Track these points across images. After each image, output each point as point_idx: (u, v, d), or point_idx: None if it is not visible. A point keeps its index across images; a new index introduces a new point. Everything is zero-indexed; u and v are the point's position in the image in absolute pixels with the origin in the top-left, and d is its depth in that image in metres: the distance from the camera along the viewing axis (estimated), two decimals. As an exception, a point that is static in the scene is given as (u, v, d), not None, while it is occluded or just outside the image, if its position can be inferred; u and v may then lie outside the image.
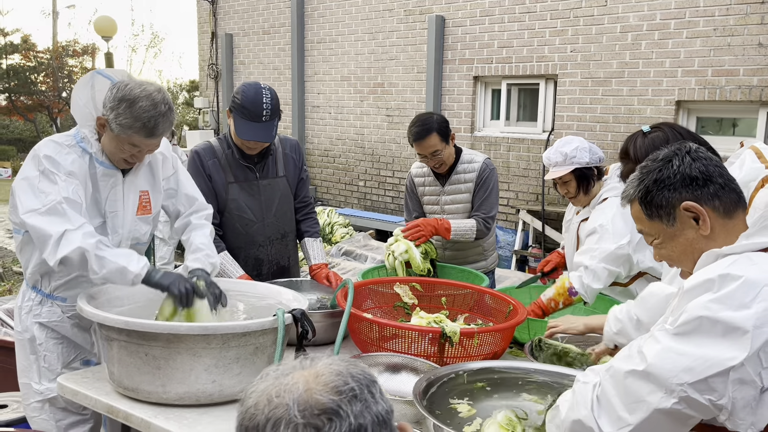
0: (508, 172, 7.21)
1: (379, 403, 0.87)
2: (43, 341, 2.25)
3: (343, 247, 6.98)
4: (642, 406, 1.24)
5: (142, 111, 2.01)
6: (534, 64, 6.86)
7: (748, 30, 5.53)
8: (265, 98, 2.61)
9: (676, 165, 1.40)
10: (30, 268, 2.22)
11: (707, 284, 1.25)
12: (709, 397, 1.19)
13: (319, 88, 9.01)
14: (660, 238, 1.45)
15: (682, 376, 1.20)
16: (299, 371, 0.88)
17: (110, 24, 11.19)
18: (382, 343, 2.19)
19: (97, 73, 2.19)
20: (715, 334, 1.20)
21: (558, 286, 2.63)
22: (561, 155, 2.71)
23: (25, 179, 2.04)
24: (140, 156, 2.16)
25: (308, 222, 3.04)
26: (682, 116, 6.08)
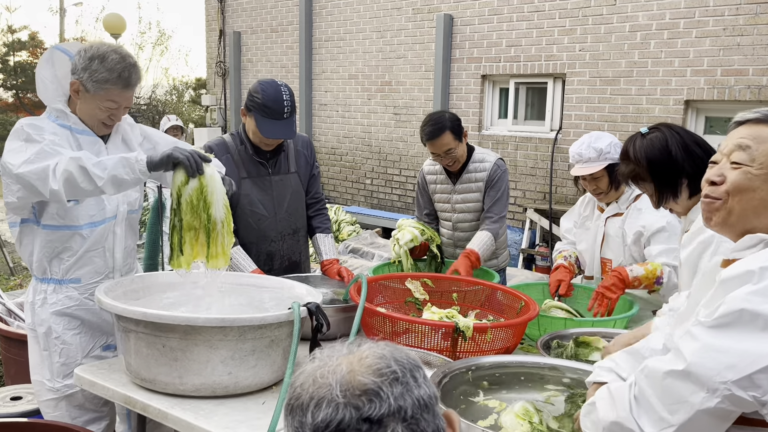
0: (515, 170, 7.21)
1: (422, 388, 0.89)
2: (60, 333, 2.27)
3: (350, 245, 6.99)
4: (684, 407, 1.20)
5: (115, 63, 2.10)
6: (542, 63, 6.87)
7: (758, 30, 5.52)
8: (284, 96, 2.64)
9: None
10: (35, 256, 2.24)
11: (747, 276, 1.21)
12: (753, 393, 1.16)
13: (327, 86, 9.03)
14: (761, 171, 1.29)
15: (725, 374, 1.17)
16: (345, 354, 0.90)
17: (119, 21, 11.24)
18: (394, 338, 2.21)
19: (55, 48, 2.24)
20: (755, 327, 1.17)
21: (649, 270, 2.53)
22: (595, 151, 2.69)
23: (9, 150, 2.07)
24: (117, 114, 2.21)
25: (320, 218, 3.06)
26: (690, 116, 6.08)
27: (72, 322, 2.29)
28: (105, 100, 2.13)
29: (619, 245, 2.75)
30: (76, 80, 2.13)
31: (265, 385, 2.02)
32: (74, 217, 2.20)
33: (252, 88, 2.71)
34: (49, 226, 2.20)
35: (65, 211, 2.18)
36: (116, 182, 2.01)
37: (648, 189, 2.11)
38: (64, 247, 2.23)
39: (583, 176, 2.76)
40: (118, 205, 2.31)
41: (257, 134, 2.72)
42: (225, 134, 2.91)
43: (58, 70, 2.18)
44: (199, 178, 2.02)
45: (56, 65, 2.19)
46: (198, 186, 2.03)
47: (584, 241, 2.96)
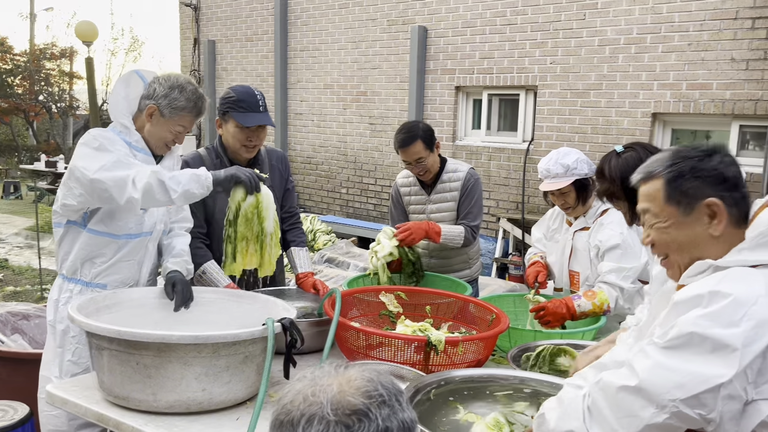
0: (488, 180, 7.30)
1: (405, 412, 0.95)
2: (77, 333, 2.35)
3: (326, 254, 7.01)
4: (634, 421, 1.27)
5: (191, 93, 2.36)
6: (514, 75, 6.98)
7: (722, 45, 5.70)
8: (256, 92, 2.77)
9: (717, 161, 1.40)
10: (71, 256, 2.36)
11: (697, 299, 1.28)
12: (699, 411, 1.22)
13: (302, 96, 9.05)
14: (668, 222, 1.43)
15: (674, 392, 1.23)
16: (334, 376, 0.95)
17: (91, 29, 11.11)
18: (368, 351, 2.24)
19: (135, 72, 2.43)
20: (704, 350, 1.23)
21: (596, 305, 2.62)
22: (562, 167, 2.76)
23: (83, 156, 2.22)
24: (182, 138, 2.43)
25: (294, 231, 3.08)
26: (657, 128, 6.23)
27: None
28: (177, 125, 2.37)
29: (587, 259, 2.83)
30: (154, 105, 2.33)
31: (240, 401, 2.03)
32: (118, 226, 2.36)
33: (222, 95, 2.81)
34: (93, 230, 2.34)
35: (111, 219, 2.34)
36: (187, 196, 2.23)
37: (622, 207, 2.16)
38: (100, 252, 2.37)
39: (551, 191, 2.83)
40: (156, 222, 2.45)
41: (237, 137, 2.74)
42: (200, 148, 2.92)
43: (131, 91, 2.37)
44: (255, 195, 2.37)
45: (131, 86, 2.37)
46: (254, 202, 2.38)
47: (553, 254, 3.04)
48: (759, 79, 5.54)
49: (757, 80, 5.55)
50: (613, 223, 2.71)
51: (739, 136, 5.85)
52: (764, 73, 5.50)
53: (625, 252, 2.65)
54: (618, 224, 2.69)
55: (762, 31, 5.50)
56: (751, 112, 5.61)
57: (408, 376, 2.08)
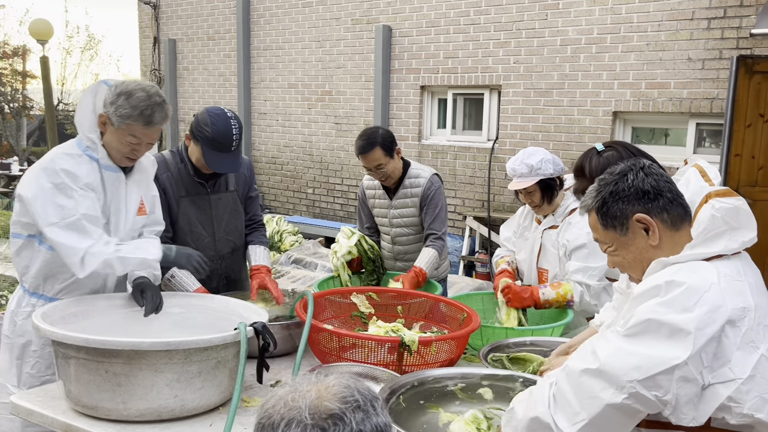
0: (454, 179, 7.36)
1: (380, 416, 1.00)
2: (39, 348, 2.28)
3: (293, 255, 6.96)
4: (595, 401, 1.34)
5: (139, 101, 2.20)
6: (479, 75, 7.05)
7: (678, 45, 5.86)
8: (234, 129, 2.64)
9: (631, 179, 1.52)
10: (31, 271, 2.28)
11: (655, 290, 1.37)
12: (655, 393, 1.30)
13: (266, 95, 8.96)
14: (613, 246, 1.56)
15: (631, 373, 1.31)
16: (314, 383, 1.01)
17: (46, 27, 10.80)
18: (341, 353, 2.23)
19: (102, 82, 2.32)
20: (661, 335, 1.32)
21: (560, 294, 2.70)
22: (527, 167, 2.80)
23: (40, 190, 2.14)
24: (140, 150, 2.30)
25: (255, 234, 3.06)
26: (618, 126, 6.37)
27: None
28: (127, 135, 2.23)
29: (555, 257, 2.87)
30: (104, 113, 2.23)
31: (213, 407, 2.00)
32: None
33: (201, 118, 2.67)
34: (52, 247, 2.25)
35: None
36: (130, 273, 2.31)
37: None
38: (62, 269, 2.27)
39: (519, 190, 2.88)
40: (122, 238, 2.35)
41: (201, 162, 2.71)
42: (165, 151, 2.87)
43: (99, 101, 2.26)
44: None
45: (98, 97, 2.26)
46: None
47: (523, 251, 3.08)
48: (715, 78, 5.71)
49: (713, 79, 5.72)
50: (580, 222, 2.76)
51: (696, 134, 6.02)
52: (720, 72, 5.67)
53: (592, 251, 2.70)
54: (586, 223, 2.74)
55: (717, 31, 5.67)
56: (708, 111, 5.78)
57: (382, 378, 2.08)
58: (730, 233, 1.42)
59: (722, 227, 1.42)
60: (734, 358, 1.32)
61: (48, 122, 11.29)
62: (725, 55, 5.62)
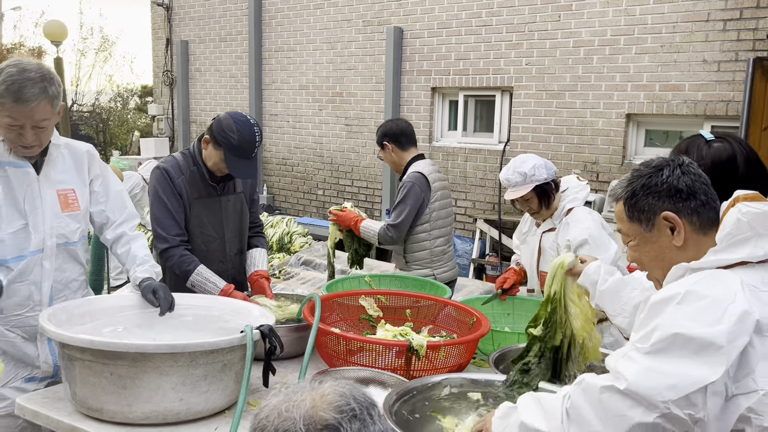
0: (465, 181, 7.32)
1: (377, 425, 0.96)
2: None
3: (302, 257, 6.94)
4: (622, 420, 1.27)
5: (8, 76, 2.00)
6: (490, 77, 7.01)
7: (693, 47, 5.78)
8: (257, 135, 2.64)
9: (666, 175, 1.46)
10: None
11: (673, 299, 1.30)
12: (689, 411, 1.23)
13: (277, 97, 8.97)
14: (636, 240, 1.51)
15: (665, 393, 1.24)
16: (308, 391, 0.98)
17: (60, 29, 10.88)
18: (348, 357, 2.21)
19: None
20: (690, 351, 1.25)
21: None
22: (520, 175, 2.79)
23: None
24: (25, 134, 2.08)
25: (256, 238, 3.10)
26: (631, 129, 6.31)
27: None
28: (3, 116, 2.04)
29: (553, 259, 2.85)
30: None
31: (218, 410, 1.98)
32: (2, 249, 2.15)
33: (225, 124, 2.63)
34: None
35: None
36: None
37: None
38: None
39: (515, 198, 2.86)
40: (44, 238, 2.22)
41: (217, 166, 2.70)
42: (176, 153, 2.87)
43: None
44: None
45: None
46: None
47: (524, 256, 3.07)
48: (730, 80, 5.64)
49: (729, 81, 5.65)
50: (578, 220, 2.75)
51: (711, 137, 5.93)
52: (735, 74, 5.60)
53: (594, 245, 2.69)
54: (582, 220, 2.74)
55: (733, 32, 5.59)
56: (723, 113, 5.71)
57: (389, 382, 2.05)
58: (756, 239, 1.35)
59: (748, 233, 1.35)
60: (758, 369, 1.26)
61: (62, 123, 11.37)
62: (741, 57, 5.54)
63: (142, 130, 15.80)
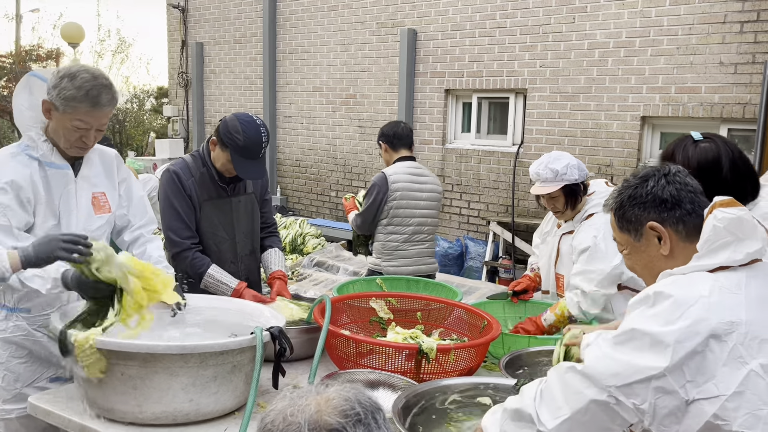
0: (478, 184, 7.29)
1: (382, 429, 0.97)
2: (5, 360, 2.22)
3: (315, 258, 6.96)
4: (579, 396, 1.37)
5: (84, 81, 2.07)
6: (504, 79, 6.98)
7: (710, 49, 5.72)
8: (263, 136, 2.65)
9: (650, 186, 1.50)
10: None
11: (644, 300, 1.38)
12: (633, 400, 1.31)
13: (291, 98, 9.00)
14: (627, 249, 1.57)
15: (611, 379, 1.34)
16: (313, 395, 0.98)
17: (78, 31, 11.01)
18: (358, 359, 2.21)
19: (31, 74, 2.21)
20: (643, 345, 1.33)
21: (558, 314, 2.70)
22: (552, 172, 2.75)
23: None
24: (89, 136, 2.15)
25: (272, 239, 3.11)
26: (647, 131, 6.25)
27: (19, 350, 2.23)
28: (74, 119, 2.10)
29: (570, 262, 2.82)
30: (48, 99, 2.10)
31: (228, 411, 1.99)
32: None
33: (231, 125, 2.65)
34: None
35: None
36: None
37: None
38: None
39: (541, 194, 2.82)
40: None
41: (226, 167, 2.72)
42: (186, 155, 2.89)
43: (36, 96, 2.14)
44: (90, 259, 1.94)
45: (33, 91, 2.16)
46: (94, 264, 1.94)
47: (543, 257, 3.04)
48: (747, 82, 5.57)
49: (746, 84, 5.58)
50: (590, 226, 2.72)
51: (728, 140, 5.87)
52: (752, 76, 5.53)
53: (593, 255, 2.65)
54: (595, 228, 2.70)
55: (750, 35, 5.52)
56: (740, 116, 5.64)
57: (399, 385, 2.05)
58: (736, 244, 1.38)
59: (726, 237, 1.38)
60: (719, 374, 1.29)
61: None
62: (758, 59, 5.47)
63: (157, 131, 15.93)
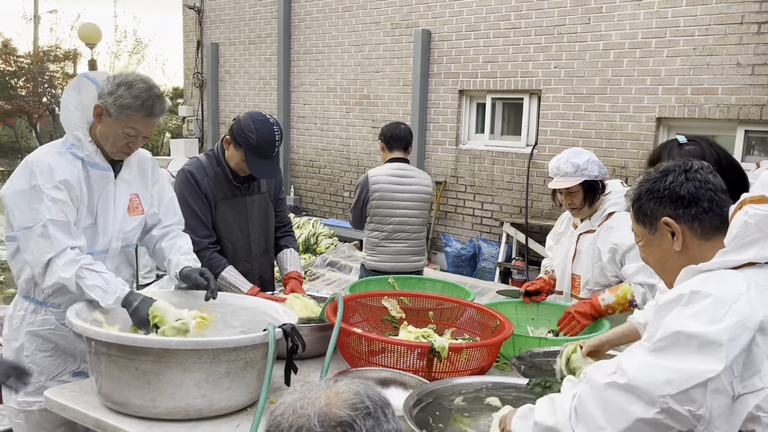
0: (492, 185, 7.28)
1: (390, 423, 0.97)
2: (31, 353, 2.25)
3: (328, 258, 6.98)
4: (623, 416, 1.30)
5: (140, 91, 2.13)
6: (518, 79, 6.96)
7: (727, 50, 5.67)
8: (276, 135, 2.67)
9: (669, 181, 1.49)
10: (24, 275, 2.24)
11: (679, 299, 1.34)
12: (689, 407, 1.26)
13: (305, 99, 9.03)
14: (642, 241, 1.56)
15: (663, 388, 1.27)
16: (323, 389, 0.99)
17: (95, 31, 11.13)
18: (370, 357, 2.21)
19: (83, 76, 2.25)
20: (691, 348, 1.28)
21: (619, 296, 2.63)
22: (572, 166, 2.72)
23: (17, 192, 2.11)
24: (136, 143, 2.22)
25: (287, 238, 3.12)
26: (662, 133, 6.20)
27: (45, 344, 2.26)
28: (126, 127, 2.16)
29: (589, 262, 2.80)
30: (101, 104, 2.15)
31: (240, 407, 2.00)
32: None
33: (244, 124, 2.67)
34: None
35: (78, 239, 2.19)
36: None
37: None
38: None
39: (559, 190, 2.80)
40: (111, 240, 2.30)
41: (241, 166, 2.73)
42: (200, 155, 2.91)
43: (84, 97, 2.19)
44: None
45: (82, 92, 2.20)
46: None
47: (558, 257, 3.01)
48: (765, 84, 5.51)
49: (763, 85, 5.52)
50: (623, 224, 2.68)
51: (745, 141, 5.81)
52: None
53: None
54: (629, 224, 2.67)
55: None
56: (757, 117, 5.58)
57: (411, 384, 2.05)
58: (764, 241, 1.36)
59: (755, 234, 1.36)
60: (764, 367, 1.28)
61: (95, 124, 11.57)
62: (777, 60, 5.42)
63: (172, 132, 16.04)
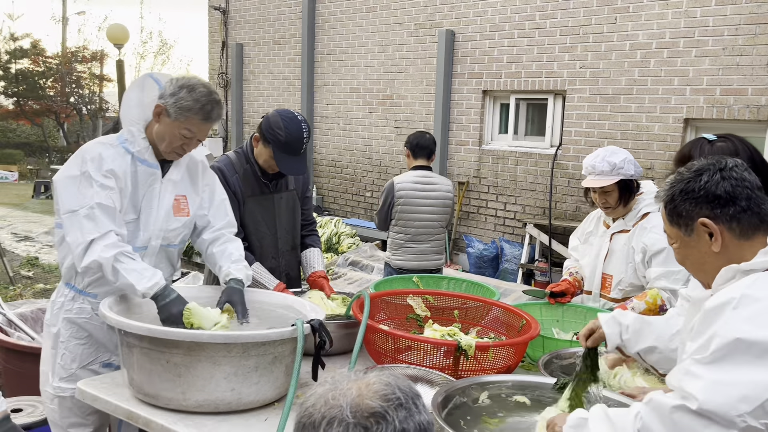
0: (515, 185, 7.24)
1: (422, 414, 0.97)
2: (66, 339, 2.31)
3: (350, 257, 7.00)
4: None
5: (201, 95, 2.19)
6: (543, 80, 6.92)
7: (757, 50, 5.58)
8: (304, 132, 2.69)
9: (704, 180, 1.42)
10: (67, 261, 2.29)
11: (729, 304, 1.27)
12: (765, 421, 1.19)
13: (328, 99, 9.07)
14: (677, 243, 1.50)
15: (740, 406, 1.19)
16: (354, 380, 0.99)
17: (122, 32, 11.30)
18: (396, 355, 2.21)
19: (149, 75, 2.32)
20: (752, 356, 1.21)
21: (649, 302, 2.61)
22: (609, 165, 2.69)
23: (67, 178, 2.18)
24: (190, 145, 2.28)
25: (312, 237, 3.15)
26: (689, 134, 6.12)
27: (80, 332, 2.32)
28: (183, 128, 2.21)
29: (623, 262, 2.77)
30: (162, 104, 2.20)
31: (268, 402, 2.02)
32: None
33: (273, 121, 2.70)
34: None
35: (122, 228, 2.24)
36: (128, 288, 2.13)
37: None
38: None
39: (593, 188, 2.78)
40: (151, 238, 2.33)
41: (269, 163, 2.76)
42: (230, 152, 2.94)
43: (146, 96, 2.25)
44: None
45: (145, 91, 2.26)
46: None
47: (587, 256, 2.98)
48: (796, 84, 5.41)
49: (794, 86, 5.42)
50: (657, 226, 2.65)
51: (775, 143, 5.72)
52: (802, 78, 5.37)
53: (670, 255, 2.59)
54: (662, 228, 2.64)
55: (800, 35, 5.37)
56: (788, 119, 5.48)
57: (437, 381, 2.05)
58: None
59: None
60: None
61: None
62: (809, 61, 5.32)
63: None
